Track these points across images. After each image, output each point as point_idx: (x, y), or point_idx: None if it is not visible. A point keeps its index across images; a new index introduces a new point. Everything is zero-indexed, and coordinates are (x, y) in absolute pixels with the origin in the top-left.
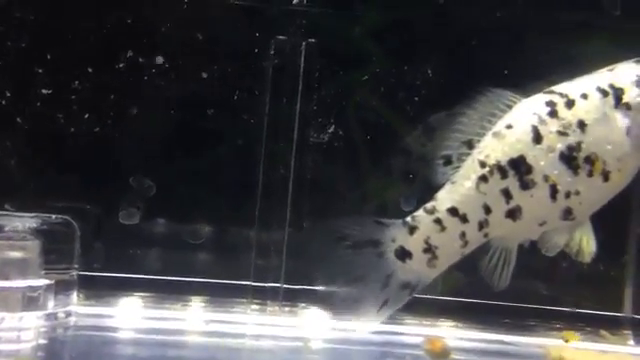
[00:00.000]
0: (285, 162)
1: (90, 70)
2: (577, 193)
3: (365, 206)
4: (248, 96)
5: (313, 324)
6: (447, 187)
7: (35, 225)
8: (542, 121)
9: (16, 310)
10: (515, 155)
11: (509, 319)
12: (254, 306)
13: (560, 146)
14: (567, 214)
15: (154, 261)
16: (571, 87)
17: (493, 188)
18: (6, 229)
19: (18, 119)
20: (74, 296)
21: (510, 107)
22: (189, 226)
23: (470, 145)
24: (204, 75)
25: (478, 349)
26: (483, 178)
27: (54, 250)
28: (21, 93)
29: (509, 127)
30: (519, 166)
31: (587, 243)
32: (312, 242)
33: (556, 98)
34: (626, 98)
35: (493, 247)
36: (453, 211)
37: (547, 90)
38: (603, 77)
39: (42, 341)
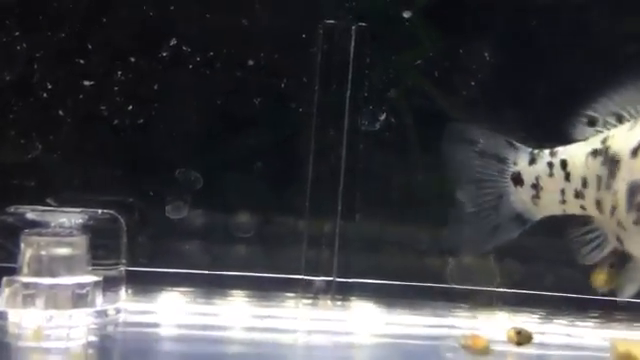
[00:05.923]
0: (336, 151)
1: (133, 60)
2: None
3: (420, 195)
4: (296, 84)
5: (365, 318)
6: (580, 142)
7: (81, 221)
8: None
9: (65, 307)
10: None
11: (573, 310)
12: (305, 300)
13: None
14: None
15: (202, 255)
16: None
17: (595, 167)
18: (52, 225)
19: (60, 112)
20: (122, 292)
21: None
22: (237, 219)
23: (620, 119)
24: (250, 63)
25: (544, 342)
26: (594, 152)
27: (101, 246)
28: (63, 85)
29: None
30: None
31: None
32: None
33: None
34: None
35: (594, 224)
36: (563, 164)
37: None
38: None
39: (92, 338)
